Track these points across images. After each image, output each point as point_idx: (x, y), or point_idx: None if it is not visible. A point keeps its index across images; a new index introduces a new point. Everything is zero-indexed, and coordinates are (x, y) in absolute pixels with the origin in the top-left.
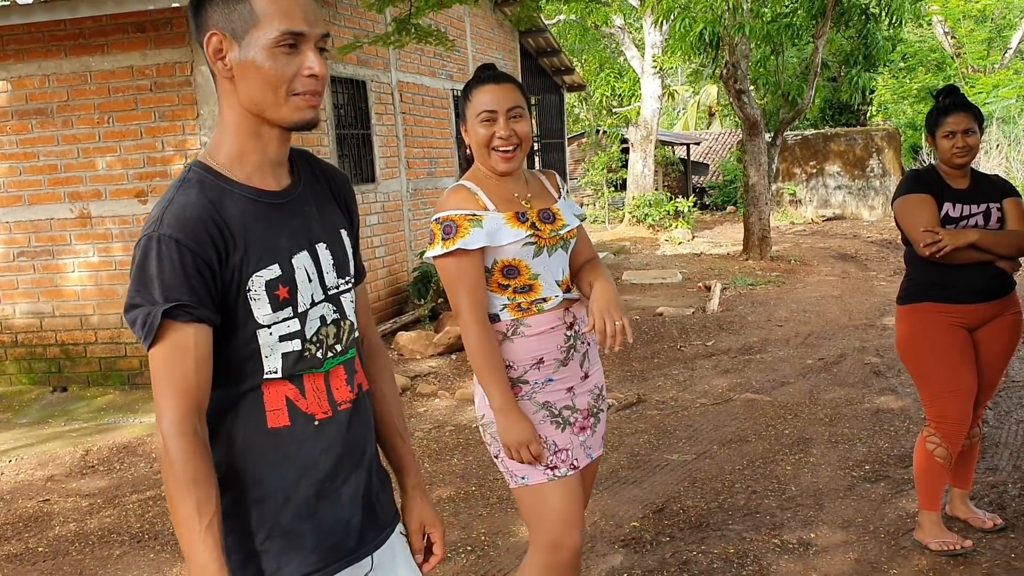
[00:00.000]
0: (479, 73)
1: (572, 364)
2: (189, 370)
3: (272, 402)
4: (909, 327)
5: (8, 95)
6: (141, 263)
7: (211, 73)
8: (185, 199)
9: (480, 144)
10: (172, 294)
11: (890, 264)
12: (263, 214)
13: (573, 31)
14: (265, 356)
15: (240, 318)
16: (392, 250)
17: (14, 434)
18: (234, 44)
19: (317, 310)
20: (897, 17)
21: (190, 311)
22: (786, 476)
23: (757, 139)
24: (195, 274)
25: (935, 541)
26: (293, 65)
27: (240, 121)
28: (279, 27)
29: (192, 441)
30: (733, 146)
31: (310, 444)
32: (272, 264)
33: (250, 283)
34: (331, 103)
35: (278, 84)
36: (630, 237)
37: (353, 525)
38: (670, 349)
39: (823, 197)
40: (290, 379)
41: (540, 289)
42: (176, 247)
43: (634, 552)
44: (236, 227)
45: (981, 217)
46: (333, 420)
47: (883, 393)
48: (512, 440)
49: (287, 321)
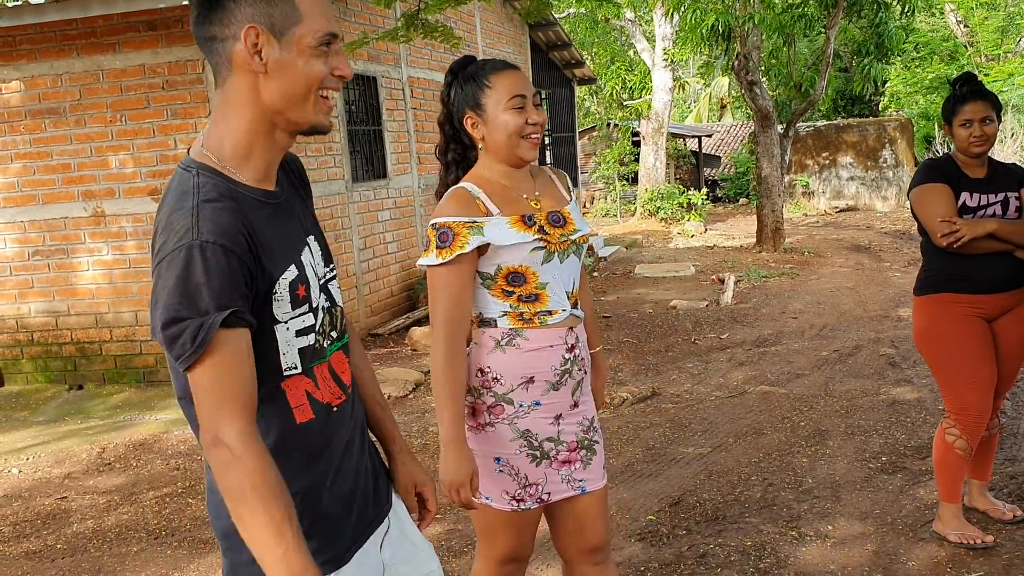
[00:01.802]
0: (484, 62)
1: (564, 390)
2: (247, 377)
3: (295, 399)
4: (927, 318)
5: (21, 95)
6: (183, 274)
7: (218, 58)
8: (213, 205)
9: (512, 132)
10: (225, 301)
11: (904, 255)
12: (271, 217)
13: (583, 24)
14: (283, 353)
15: (264, 320)
16: (404, 246)
17: (31, 432)
18: (272, 40)
19: (320, 302)
20: (910, 6)
21: (243, 316)
22: (802, 468)
23: (769, 131)
24: (242, 279)
25: (954, 533)
26: (328, 66)
27: (258, 119)
28: (324, 27)
29: (263, 448)
30: (745, 138)
31: (331, 430)
32: (290, 265)
33: (278, 285)
34: (342, 99)
35: (313, 84)
36: (642, 230)
37: (370, 495)
38: (684, 342)
39: (836, 188)
40: (306, 373)
41: (547, 300)
42: (223, 252)
43: (651, 545)
44: (259, 230)
45: (999, 207)
46: (347, 403)
47: (899, 384)
48: (449, 478)
49: (302, 316)
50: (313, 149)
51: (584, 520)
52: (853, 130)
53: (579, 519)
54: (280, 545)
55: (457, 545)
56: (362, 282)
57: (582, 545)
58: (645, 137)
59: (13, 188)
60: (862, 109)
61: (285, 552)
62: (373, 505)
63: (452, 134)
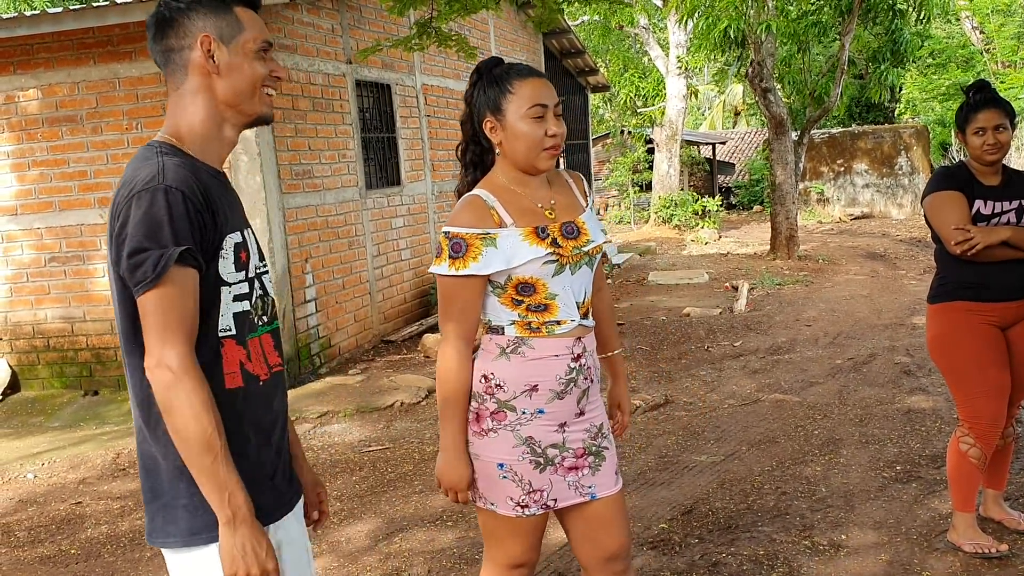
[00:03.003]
0: (511, 65)
1: (568, 399)
2: (193, 310)
3: (229, 364)
4: (940, 326)
5: (39, 103)
6: (148, 211)
7: (175, 66)
8: (172, 163)
9: (531, 143)
10: (183, 239)
11: (920, 263)
12: (223, 189)
13: (597, 31)
14: (221, 314)
15: (212, 272)
16: (418, 252)
17: (47, 437)
18: (222, 46)
19: (256, 280)
20: (925, 13)
21: (195, 256)
22: (816, 477)
23: (784, 138)
24: (197, 224)
25: (969, 543)
26: (267, 67)
27: (211, 113)
28: (262, 35)
29: (200, 372)
30: (759, 145)
31: (257, 402)
32: (237, 230)
33: (225, 241)
34: (356, 107)
35: (257, 81)
36: (656, 237)
37: (288, 473)
38: (697, 350)
39: (851, 195)
40: (241, 342)
41: (556, 310)
42: (183, 198)
43: (663, 554)
44: (212, 192)
45: (1013, 214)
46: (271, 381)
47: (914, 393)
48: (447, 481)
49: (241, 283)
50: (327, 156)
51: (598, 526)
52: (868, 137)
53: (593, 526)
54: (209, 456)
55: (469, 552)
56: (375, 288)
57: (599, 553)
58: (659, 144)
59: (30, 195)
60: (877, 116)
61: (213, 462)
62: (289, 486)
63: (472, 135)
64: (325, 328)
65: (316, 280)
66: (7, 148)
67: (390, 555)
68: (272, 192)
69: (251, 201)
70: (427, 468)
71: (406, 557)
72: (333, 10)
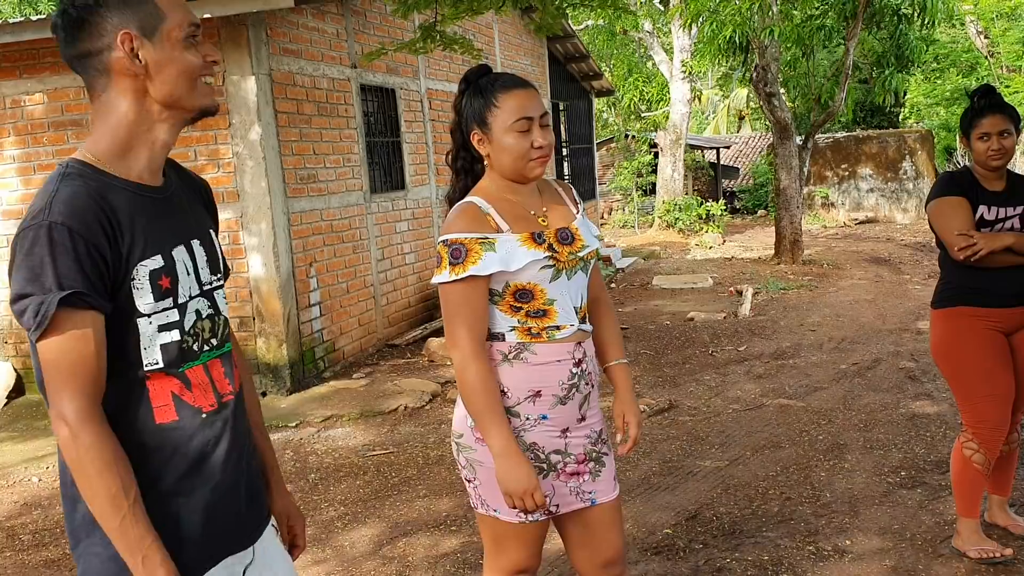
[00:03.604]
0: (496, 76)
1: (571, 404)
2: (90, 357)
3: (158, 398)
4: (944, 331)
5: (44, 107)
6: (30, 252)
7: (95, 71)
8: (71, 189)
9: (516, 156)
10: (67, 282)
11: (924, 267)
12: (145, 207)
13: (601, 36)
14: (144, 347)
15: (123, 307)
16: (422, 256)
17: (51, 441)
18: (145, 41)
19: (194, 303)
20: (930, 17)
21: (86, 298)
22: (821, 482)
23: (788, 142)
24: (88, 262)
25: (974, 548)
26: (200, 55)
27: (138, 116)
28: (187, 19)
29: (103, 426)
30: (764, 149)
31: (199, 437)
32: (156, 254)
33: (135, 272)
34: (360, 111)
35: (194, 72)
36: (660, 241)
37: (241, 516)
38: (702, 354)
39: (855, 200)
40: (174, 373)
41: (555, 316)
42: (69, 234)
43: (667, 559)
44: (122, 217)
45: (1017, 220)
46: (219, 413)
47: (919, 398)
48: (514, 488)
49: (167, 311)
50: (332, 160)
51: (595, 532)
52: (873, 141)
53: (590, 531)
54: (116, 517)
55: (472, 558)
56: (380, 293)
57: (596, 558)
58: (663, 148)
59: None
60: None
61: (121, 523)
62: (238, 528)
63: (462, 142)
64: (329, 332)
65: (320, 284)
66: (13, 152)
67: (393, 559)
68: (277, 196)
69: (256, 205)
70: (431, 472)
71: (410, 562)
72: (338, 15)
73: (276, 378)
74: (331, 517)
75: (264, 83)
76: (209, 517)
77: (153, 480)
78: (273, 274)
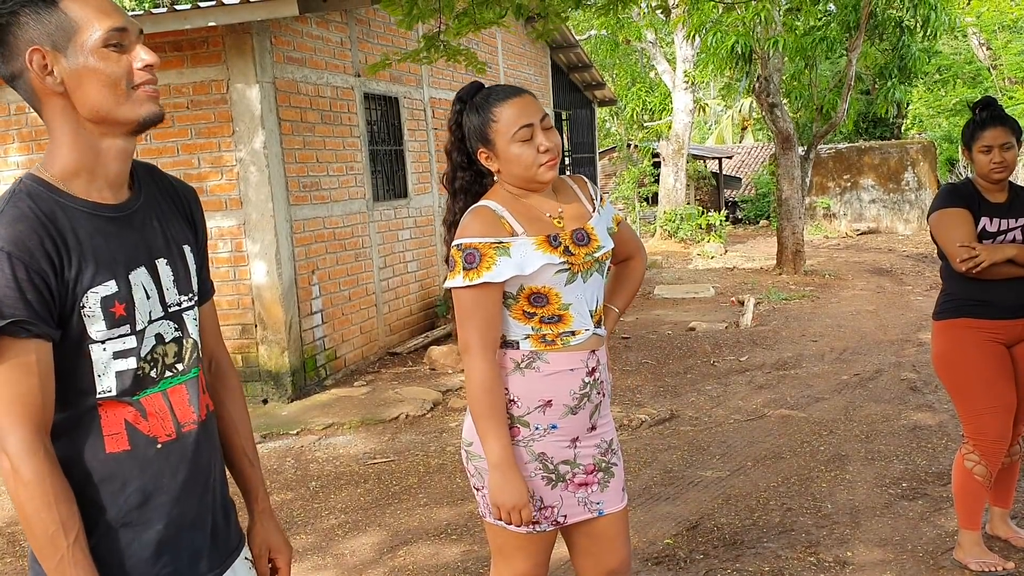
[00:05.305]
0: (489, 91)
1: (582, 414)
2: (34, 387)
3: (110, 426)
4: (945, 343)
5: None
6: None
7: (24, 93)
8: (15, 211)
9: (527, 165)
10: (8, 310)
11: (926, 278)
12: (99, 228)
13: (604, 46)
14: (98, 375)
15: (73, 334)
16: (424, 264)
17: None
18: (58, 56)
19: (154, 327)
20: (932, 29)
21: (28, 327)
22: (822, 493)
23: (790, 153)
24: (31, 288)
25: (975, 561)
26: (124, 61)
27: (76, 136)
28: (103, 26)
29: (46, 459)
30: (766, 160)
31: (153, 468)
32: (108, 280)
33: (85, 299)
34: (364, 119)
35: (116, 81)
36: (662, 251)
37: (197, 550)
38: (703, 364)
39: (857, 211)
40: (128, 401)
41: (570, 321)
42: (8, 261)
43: (667, 570)
44: (71, 241)
45: (1019, 232)
46: (177, 443)
47: (920, 409)
48: (505, 501)
49: (123, 338)
50: (335, 168)
51: (602, 542)
52: (875, 152)
53: (597, 541)
54: (54, 557)
55: (474, 567)
56: (381, 300)
57: (601, 569)
58: (665, 158)
59: None
60: (884, 131)
61: (58, 564)
62: (191, 565)
63: (461, 162)
64: (331, 340)
65: (322, 292)
66: (17, 158)
67: (394, 568)
68: (280, 204)
69: (259, 213)
70: (432, 481)
71: (410, 571)
72: (342, 23)
73: (278, 385)
74: (331, 525)
75: (268, 91)
76: (160, 553)
77: (101, 512)
78: (275, 281)
